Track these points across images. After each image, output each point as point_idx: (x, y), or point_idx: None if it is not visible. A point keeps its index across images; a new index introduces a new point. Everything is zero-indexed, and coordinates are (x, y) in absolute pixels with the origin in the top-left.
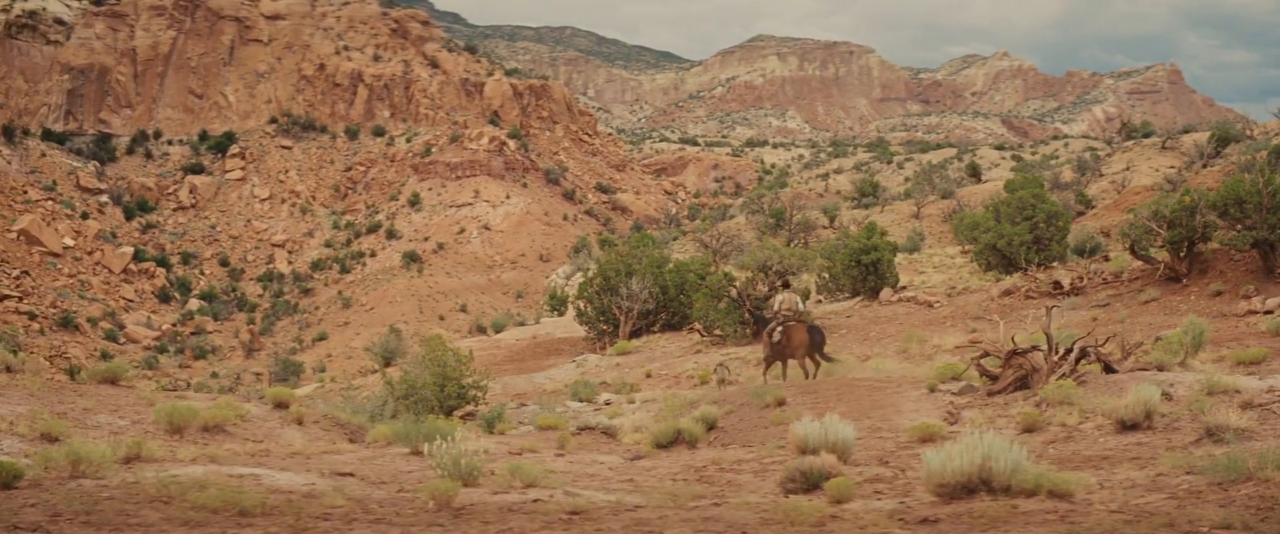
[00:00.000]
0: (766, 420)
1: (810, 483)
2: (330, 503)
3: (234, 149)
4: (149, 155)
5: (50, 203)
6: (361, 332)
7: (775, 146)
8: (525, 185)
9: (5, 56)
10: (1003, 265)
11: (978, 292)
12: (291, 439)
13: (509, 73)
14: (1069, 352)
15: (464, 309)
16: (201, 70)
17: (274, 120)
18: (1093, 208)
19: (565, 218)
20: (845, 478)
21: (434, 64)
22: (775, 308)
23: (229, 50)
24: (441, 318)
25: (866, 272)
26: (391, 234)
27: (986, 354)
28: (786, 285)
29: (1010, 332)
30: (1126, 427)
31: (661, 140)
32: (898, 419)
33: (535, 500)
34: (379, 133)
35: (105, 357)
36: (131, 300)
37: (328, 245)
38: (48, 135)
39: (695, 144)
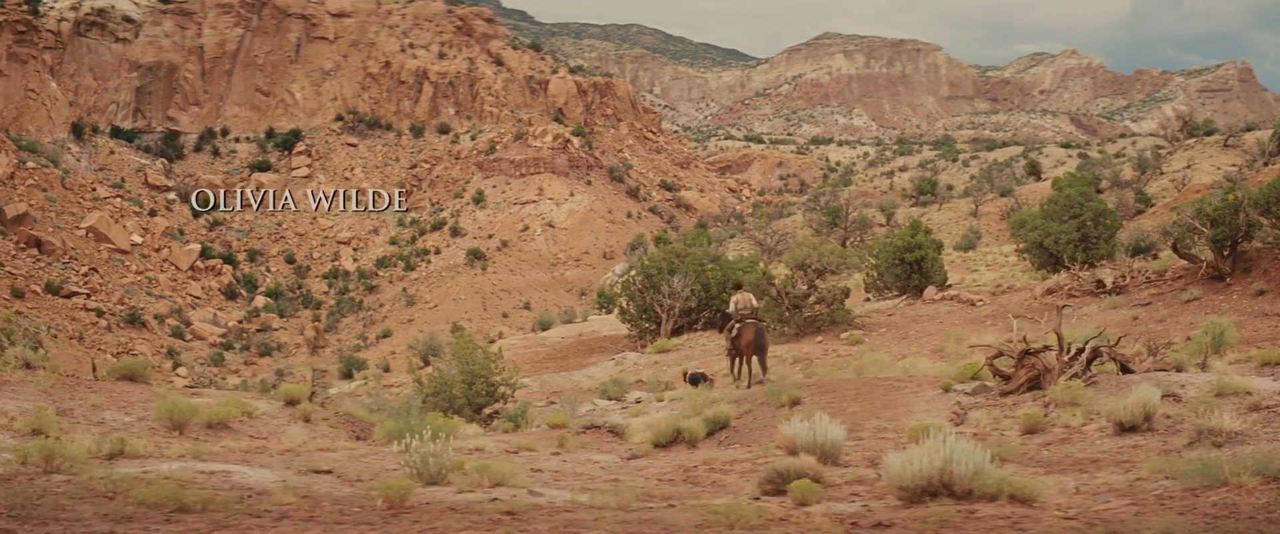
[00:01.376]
0: (778, 421)
1: (787, 484)
2: (278, 501)
3: (300, 146)
4: (216, 153)
5: (118, 200)
6: (425, 329)
7: (840, 144)
8: (589, 183)
9: (75, 54)
10: (1050, 264)
11: (1022, 290)
12: (294, 436)
13: (573, 70)
14: (1080, 352)
15: (527, 307)
16: (268, 68)
17: (340, 118)
18: (1153, 206)
19: (629, 215)
20: (808, 481)
21: (498, 61)
22: (732, 307)
23: (295, 48)
24: (505, 315)
25: (910, 270)
26: (456, 231)
27: (1000, 354)
28: (738, 286)
29: (1029, 331)
30: (1125, 429)
31: (726, 138)
32: (907, 419)
33: (494, 499)
34: (444, 130)
35: (171, 353)
36: (198, 297)
37: (392, 242)
38: (116, 133)
39: (760, 142)
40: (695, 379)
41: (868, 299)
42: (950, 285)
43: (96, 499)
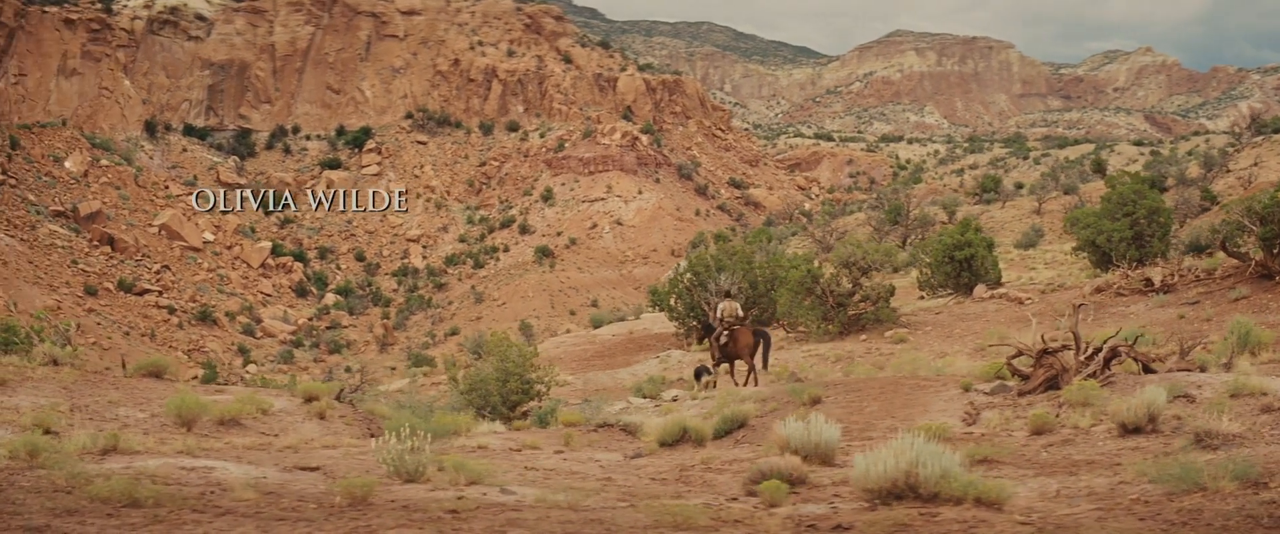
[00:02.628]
0: (804, 420)
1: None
2: (238, 497)
3: (370, 144)
4: (287, 150)
5: (191, 198)
6: (493, 326)
7: (910, 142)
8: (658, 180)
9: (148, 52)
10: (1105, 262)
11: (1072, 289)
12: (306, 433)
13: (642, 68)
14: (1098, 351)
15: (595, 304)
16: (339, 66)
17: (409, 115)
18: (1217, 204)
19: (697, 213)
20: (777, 482)
21: (567, 59)
22: (718, 315)
23: (365, 46)
24: (572, 313)
25: (960, 268)
26: (524, 229)
27: (1020, 353)
28: (728, 295)
29: (1063, 330)
30: (1128, 430)
31: (796, 136)
32: (922, 419)
33: (460, 498)
34: (513, 128)
35: (242, 351)
36: (269, 295)
37: (462, 240)
38: (189, 130)
39: (830, 139)
40: (699, 372)
41: (922, 297)
42: (1001, 284)
43: (52, 494)
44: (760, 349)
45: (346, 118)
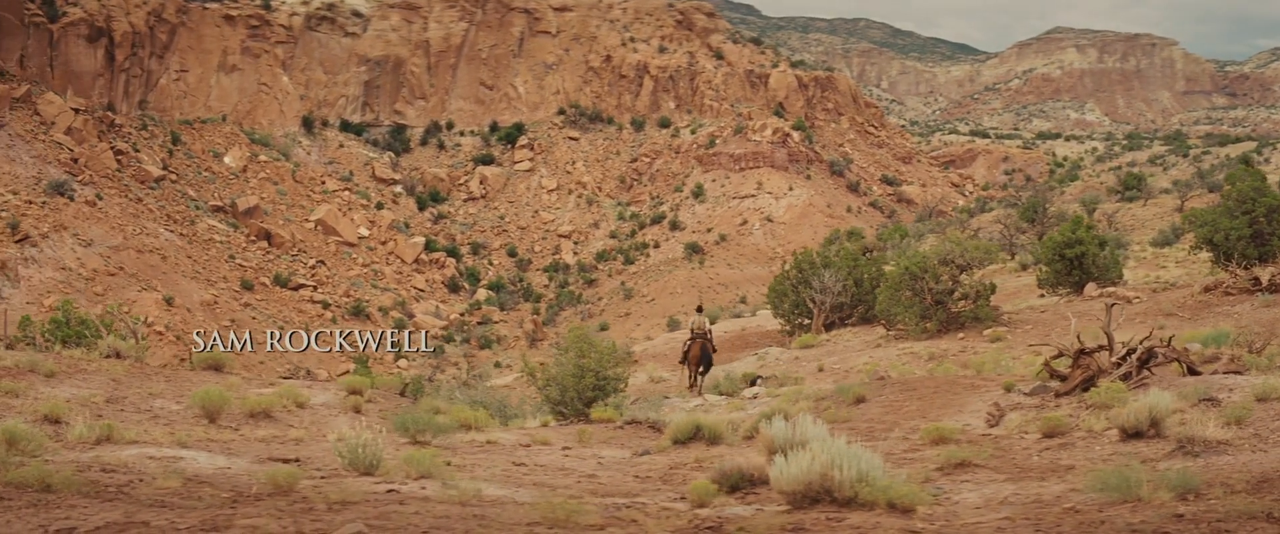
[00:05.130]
0: (837, 418)
1: (732, 484)
2: (160, 486)
3: (523, 140)
4: (441, 146)
5: (347, 193)
6: (642, 322)
7: (1068, 139)
8: (809, 177)
9: (306, 48)
10: (1222, 261)
11: (1182, 288)
12: (336, 427)
13: (794, 64)
14: (1131, 352)
15: (744, 301)
16: (492, 62)
17: (562, 111)
18: None
19: (849, 210)
20: (707, 482)
21: (719, 55)
22: (689, 326)
23: (518, 42)
24: (721, 310)
25: (1070, 266)
26: (675, 225)
27: (1060, 354)
28: (700, 310)
29: (1105, 330)
30: (1129, 435)
31: (951, 132)
32: (952, 419)
33: (390, 491)
34: (664, 124)
35: (394, 346)
36: (422, 290)
37: (612, 236)
38: (345, 126)
39: (985, 136)
40: (753, 380)
41: (1042, 295)
42: (1115, 282)
43: None
44: (702, 367)
45: (499, 114)
